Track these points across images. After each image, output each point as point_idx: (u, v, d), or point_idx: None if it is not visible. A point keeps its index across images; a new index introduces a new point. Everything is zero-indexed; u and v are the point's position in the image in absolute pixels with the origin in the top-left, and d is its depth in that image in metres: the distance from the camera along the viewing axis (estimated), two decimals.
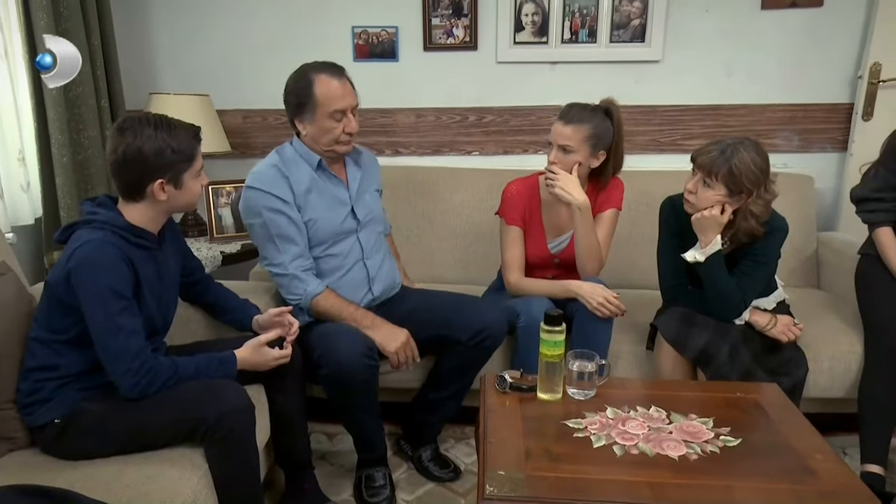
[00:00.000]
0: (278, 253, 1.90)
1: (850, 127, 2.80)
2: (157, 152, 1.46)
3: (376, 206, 2.11)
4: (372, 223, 2.06)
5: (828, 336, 2.17)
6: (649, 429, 1.45)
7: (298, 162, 1.94)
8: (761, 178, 1.82)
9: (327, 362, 1.77)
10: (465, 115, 2.87)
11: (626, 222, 2.59)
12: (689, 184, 1.89)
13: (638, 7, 2.71)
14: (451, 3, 2.72)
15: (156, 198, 1.51)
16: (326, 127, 1.88)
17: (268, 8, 2.77)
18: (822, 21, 2.71)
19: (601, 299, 1.95)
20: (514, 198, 2.14)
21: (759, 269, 1.94)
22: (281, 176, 1.90)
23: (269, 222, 1.88)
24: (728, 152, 1.80)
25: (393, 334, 1.90)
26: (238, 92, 2.84)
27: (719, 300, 1.92)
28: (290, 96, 1.90)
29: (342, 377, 1.78)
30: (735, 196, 1.84)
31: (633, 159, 2.81)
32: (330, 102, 1.85)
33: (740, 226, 1.88)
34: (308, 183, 1.93)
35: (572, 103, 2.00)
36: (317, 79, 1.85)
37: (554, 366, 1.54)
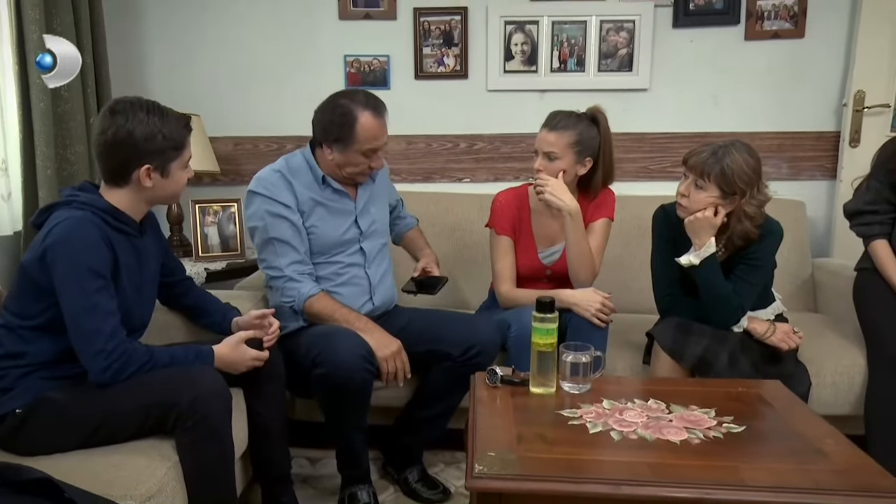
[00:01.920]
0: (276, 256, 1.88)
1: (839, 154, 2.82)
2: (148, 137, 1.43)
3: (382, 217, 2.09)
4: (376, 234, 2.05)
5: (829, 352, 2.11)
6: (648, 417, 1.37)
7: (305, 172, 1.94)
8: (754, 179, 1.80)
9: (325, 361, 1.71)
10: (455, 142, 2.89)
11: (618, 245, 2.57)
12: (681, 187, 1.87)
13: (624, 37, 2.78)
14: (442, 32, 2.78)
15: (141, 184, 1.47)
16: (355, 161, 1.89)
17: (261, 36, 2.82)
18: (805, 51, 2.77)
19: (598, 305, 1.89)
20: (504, 207, 2.11)
21: (754, 273, 1.90)
22: (285, 181, 1.89)
23: (269, 226, 1.87)
24: (720, 153, 1.79)
25: (385, 340, 1.84)
26: (229, 118, 2.85)
27: (716, 305, 1.87)
28: (328, 125, 1.87)
29: (339, 379, 1.70)
30: (728, 198, 1.82)
31: (624, 186, 2.81)
32: (366, 142, 1.86)
33: (735, 229, 1.85)
34: (312, 192, 1.93)
35: (557, 111, 2.01)
36: (361, 116, 1.84)
37: (546, 356, 1.47)
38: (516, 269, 2.09)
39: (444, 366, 1.92)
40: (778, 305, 2.06)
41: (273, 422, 1.69)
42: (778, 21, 2.76)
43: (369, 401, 1.82)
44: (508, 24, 2.77)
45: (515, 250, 2.10)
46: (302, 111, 2.25)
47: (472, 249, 2.63)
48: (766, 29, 2.77)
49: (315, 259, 1.95)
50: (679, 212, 1.90)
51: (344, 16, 2.79)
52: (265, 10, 2.80)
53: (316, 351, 1.75)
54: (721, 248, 1.91)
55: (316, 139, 1.94)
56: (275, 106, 2.86)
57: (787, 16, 2.75)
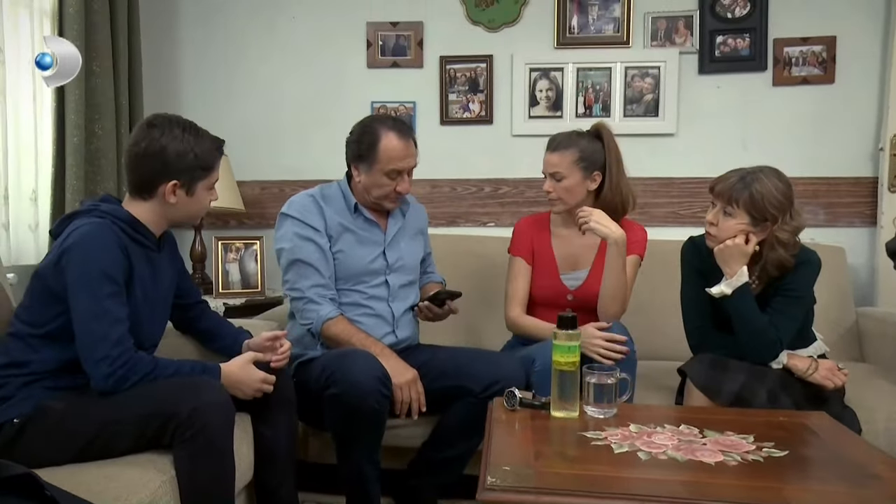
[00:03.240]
0: (299, 278, 1.87)
1: (878, 200, 2.72)
2: (180, 154, 1.46)
3: (412, 254, 2.05)
4: (404, 269, 2.01)
5: (881, 396, 1.97)
6: (679, 441, 1.26)
7: (338, 199, 1.96)
8: (785, 204, 1.72)
9: (339, 380, 1.65)
10: (480, 186, 2.88)
11: (646, 289, 2.46)
12: (708, 215, 1.80)
13: (650, 83, 2.78)
14: (468, 79, 2.82)
15: (165, 199, 1.48)
16: (380, 182, 1.89)
17: (292, 82, 2.89)
18: (836, 96, 2.73)
19: (600, 349, 1.80)
20: (523, 230, 2.12)
21: (792, 305, 1.79)
22: (316, 206, 1.92)
23: (296, 248, 1.88)
24: (748, 178, 1.73)
25: (401, 368, 1.79)
26: (257, 162, 2.89)
27: (752, 338, 1.76)
28: (353, 145, 1.92)
29: (353, 399, 1.64)
30: (759, 224, 1.73)
31: (653, 231, 2.68)
32: (389, 161, 1.86)
33: (768, 257, 1.75)
34: (342, 218, 1.93)
35: (559, 132, 2.04)
36: (383, 135, 1.86)
37: (568, 377, 1.38)
38: (536, 292, 2.04)
39: (464, 403, 1.82)
40: (820, 346, 1.93)
41: (280, 447, 1.59)
42: (807, 67, 2.74)
43: (383, 428, 1.73)
44: (533, 71, 2.80)
45: (535, 273, 2.06)
46: (329, 156, 2.29)
47: (495, 293, 2.55)
48: (795, 75, 2.74)
49: (339, 285, 1.93)
50: (708, 241, 1.82)
51: (372, 64, 2.86)
52: (297, 58, 2.89)
53: (330, 370, 1.69)
54: (755, 280, 1.81)
55: (347, 162, 1.96)
56: (302, 150, 2.90)
57: (816, 62, 2.73)
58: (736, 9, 2.73)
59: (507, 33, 2.81)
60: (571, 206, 2.01)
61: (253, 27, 2.88)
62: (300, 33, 2.87)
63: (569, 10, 2.77)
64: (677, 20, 2.76)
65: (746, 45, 2.74)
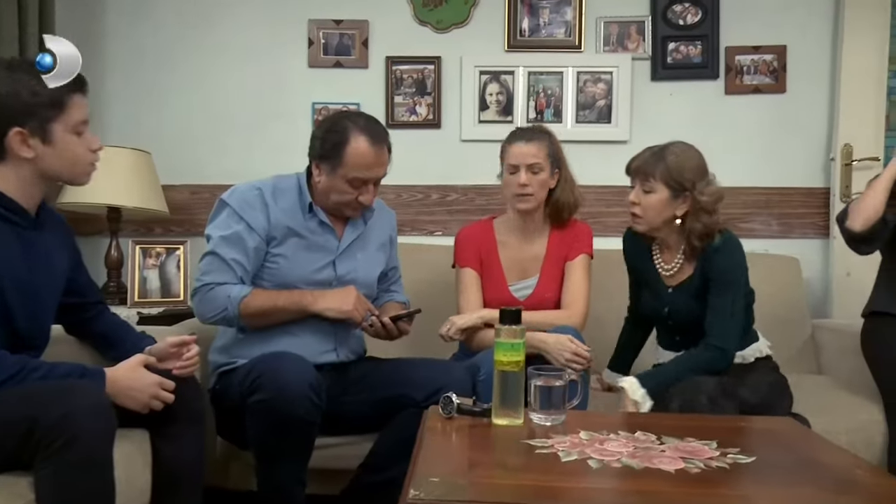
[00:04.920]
0: (213, 270, 1.68)
1: (830, 210, 2.68)
2: (11, 93, 1.24)
3: (369, 268, 1.85)
4: (355, 285, 1.78)
5: (842, 408, 1.91)
6: (635, 448, 1.11)
7: (291, 195, 1.76)
8: (700, 170, 1.73)
9: (265, 385, 1.47)
10: (427, 193, 2.74)
11: (601, 302, 2.35)
12: (630, 196, 1.78)
13: (602, 89, 2.70)
14: (415, 81, 2.70)
15: (18, 154, 1.26)
16: (341, 188, 1.70)
17: (227, 81, 2.71)
18: (788, 105, 2.69)
19: (569, 354, 1.67)
20: (467, 239, 1.98)
21: (723, 294, 1.71)
22: (261, 201, 1.72)
23: (221, 242, 1.69)
24: (659, 151, 1.74)
25: (342, 295, 1.69)
26: (187, 165, 2.69)
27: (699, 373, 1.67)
28: (318, 141, 1.72)
29: (280, 406, 1.45)
30: (679, 195, 1.71)
31: (606, 241, 2.63)
32: (354, 168, 1.67)
33: (692, 227, 1.72)
34: (290, 219, 1.74)
35: (518, 127, 2.00)
36: (353, 137, 1.67)
37: (512, 378, 1.22)
38: (486, 304, 1.90)
39: (407, 414, 1.64)
40: (761, 347, 1.85)
41: (184, 468, 1.38)
42: (758, 76, 2.70)
43: (313, 443, 1.56)
44: (483, 73, 2.70)
45: (484, 285, 1.93)
46: (267, 159, 2.14)
47: (443, 307, 2.39)
48: (747, 83, 2.70)
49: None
50: (635, 224, 1.80)
51: (314, 63, 2.71)
52: (233, 55, 2.72)
53: (256, 374, 1.51)
54: (681, 257, 1.78)
55: (309, 157, 1.77)
56: (238, 153, 2.71)
57: (768, 71, 2.69)
58: (688, 16, 2.69)
59: (456, 35, 2.71)
60: (539, 203, 1.92)
61: (186, 20, 2.71)
62: (238, 29, 2.70)
63: (519, 12, 2.69)
64: (629, 25, 2.70)
65: (698, 52, 2.69)
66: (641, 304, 1.93)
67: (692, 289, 1.76)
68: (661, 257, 1.85)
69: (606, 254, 2.47)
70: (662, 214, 1.73)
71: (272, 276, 1.73)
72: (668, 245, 1.82)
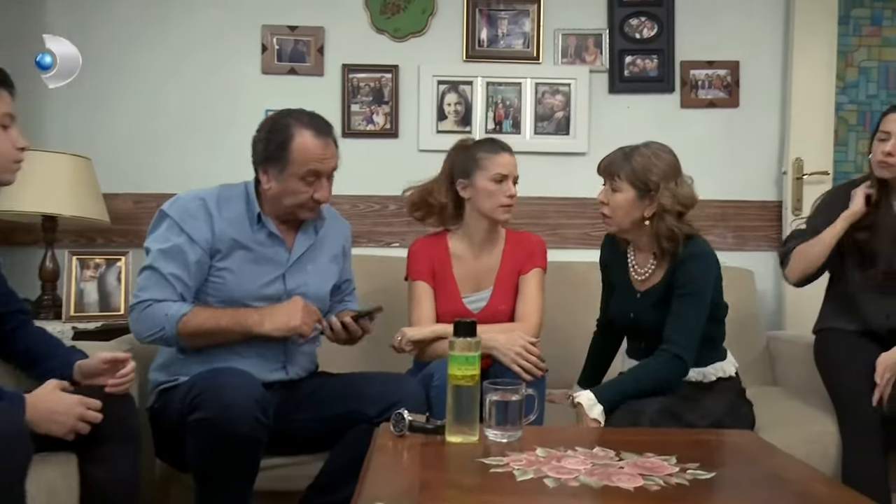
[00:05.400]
0: (151, 285, 1.58)
1: (782, 223, 2.72)
2: None
3: (320, 281, 1.77)
4: (306, 299, 1.69)
5: (797, 421, 1.91)
6: (593, 465, 1.07)
7: (238, 205, 1.68)
8: (668, 171, 1.70)
9: (207, 402, 1.39)
10: (384, 203, 2.68)
11: (562, 314, 2.33)
12: (599, 195, 1.77)
13: (560, 101, 2.70)
14: (372, 90, 2.65)
15: None
16: (294, 189, 1.63)
17: (177, 86, 2.62)
18: (741, 120, 2.73)
19: (518, 349, 1.64)
20: (420, 252, 1.94)
21: (686, 303, 1.68)
22: (205, 212, 1.63)
23: (160, 256, 1.59)
24: (629, 152, 1.73)
25: (288, 310, 1.60)
26: (132, 173, 2.58)
27: (661, 385, 1.66)
28: (261, 144, 1.66)
29: (223, 424, 1.36)
30: (645, 196, 1.70)
31: (566, 254, 2.64)
32: (305, 163, 1.61)
33: (658, 228, 1.70)
34: (236, 231, 1.65)
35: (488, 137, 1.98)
36: (297, 134, 1.61)
37: (467, 393, 1.17)
38: (438, 319, 1.86)
39: (359, 431, 1.57)
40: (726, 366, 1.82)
41: (117, 490, 1.29)
42: (713, 90, 2.73)
43: (258, 464, 1.48)
44: (441, 83, 2.67)
45: (437, 298, 1.90)
46: (217, 168, 2.06)
47: (399, 319, 2.34)
48: (702, 97, 2.73)
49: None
50: (605, 224, 1.79)
51: (268, 70, 2.64)
52: (184, 59, 2.62)
53: (197, 391, 1.42)
54: (654, 262, 1.77)
55: (254, 165, 1.69)
56: (187, 162, 2.62)
57: (721, 85, 2.73)
58: (644, 30, 2.71)
59: (413, 44, 2.67)
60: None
61: (133, 21, 2.61)
62: (188, 33, 2.62)
63: (478, 22, 2.67)
64: (587, 38, 2.70)
65: (654, 66, 2.71)
66: (611, 308, 1.90)
67: (658, 293, 1.74)
68: (636, 260, 1.83)
69: (567, 266, 2.47)
70: (630, 215, 1.71)
71: (217, 292, 1.64)
72: (641, 248, 1.81)
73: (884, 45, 2.74)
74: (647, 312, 1.75)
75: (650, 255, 1.77)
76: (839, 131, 2.73)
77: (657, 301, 1.73)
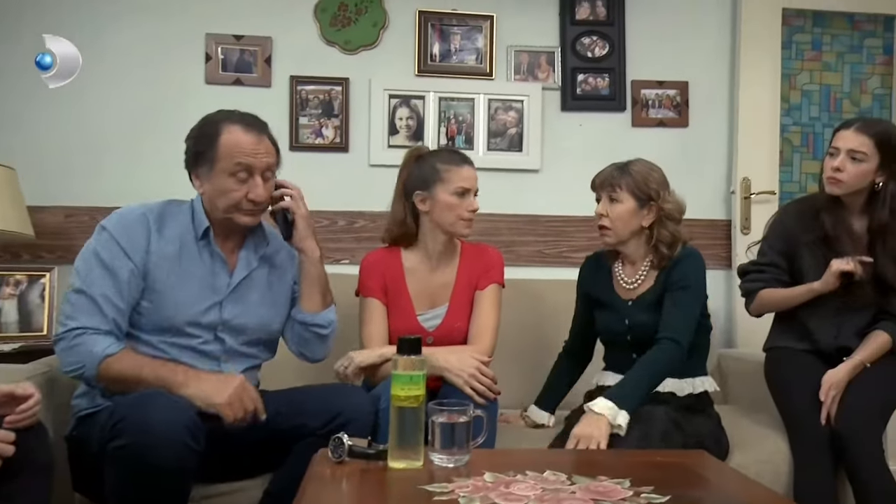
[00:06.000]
0: (78, 312, 1.45)
1: (732, 242, 2.74)
2: None
3: (263, 315, 1.64)
4: (245, 332, 1.60)
5: (749, 441, 1.88)
6: (543, 490, 1.01)
7: (184, 220, 1.57)
8: (662, 181, 1.78)
9: (129, 428, 1.27)
10: (333, 219, 2.60)
11: (514, 332, 2.27)
12: (598, 208, 1.79)
13: (514, 117, 2.68)
14: (321, 102, 2.58)
15: None
16: (224, 187, 1.51)
17: (114, 95, 2.49)
18: (691, 139, 2.76)
19: (472, 370, 1.58)
20: (372, 266, 1.87)
21: (684, 295, 1.72)
22: (145, 226, 1.52)
23: (91, 275, 1.47)
24: (623, 166, 1.78)
25: (219, 384, 1.44)
26: (62, 185, 2.44)
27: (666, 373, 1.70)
28: (190, 142, 1.57)
29: (148, 453, 1.25)
30: (645, 205, 1.75)
31: (519, 271, 2.60)
32: (232, 156, 1.50)
33: (660, 234, 1.75)
34: (178, 250, 1.54)
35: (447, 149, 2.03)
36: (225, 129, 1.52)
37: (411, 415, 1.10)
38: (391, 337, 1.79)
39: (304, 445, 1.46)
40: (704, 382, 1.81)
41: None
42: (663, 110, 2.75)
43: (186, 496, 1.37)
44: (393, 97, 2.62)
45: (390, 315, 1.82)
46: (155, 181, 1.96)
47: (349, 339, 2.25)
48: (652, 117, 2.75)
49: (150, 335, 1.52)
50: (606, 237, 1.79)
51: (212, 80, 2.54)
52: (120, 68, 2.51)
53: (119, 416, 1.30)
54: (645, 269, 1.79)
55: (186, 168, 1.58)
56: (124, 173, 2.49)
57: (671, 105, 2.75)
58: (595, 48, 2.72)
59: (365, 56, 2.62)
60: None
61: (67, 27, 2.47)
62: (126, 39, 2.50)
63: (430, 36, 2.64)
64: (539, 55, 2.70)
65: (606, 84, 2.72)
66: (600, 324, 1.88)
67: (651, 298, 1.75)
68: (623, 272, 1.83)
69: (520, 283, 2.42)
70: (630, 225, 1.74)
71: (150, 315, 1.51)
72: (633, 260, 1.82)
73: (824, 70, 2.81)
74: (640, 317, 1.76)
75: (641, 263, 1.80)
76: (784, 152, 2.79)
77: (651, 304, 1.75)
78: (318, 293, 1.65)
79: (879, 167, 1.82)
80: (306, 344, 1.69)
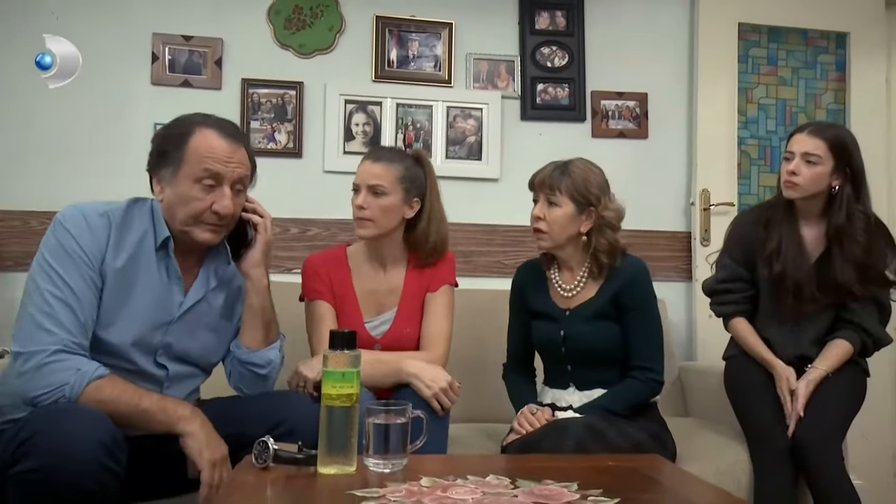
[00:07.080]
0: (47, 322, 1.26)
1: (692, 254, 2.72)
2: None
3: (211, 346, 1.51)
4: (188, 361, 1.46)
5: (709, 451, 1.85)
6: (483, 494, 0.92)
7: (143, 227, 1.39)
8: (604, 186, 1.72)
9: (37, 449, 1.10)
10: (285, 227, 2.51)
11: (470, 343, 2.22)
12: (535, 210, 1.71)
13: (473, 125, 2.63)
14: (274, 106, 2.51)
15: None
16: (187, 194, 1.34)
17: (52, 96, 2.34)
18: (650, 151, 2.75)
19: (444, 385, 1.52)
20: (316, 268, 1.77)
21: (646, 324, 1.70)
22: (105, 231, 1.34)
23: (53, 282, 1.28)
24: (563, 166, 1.71)
25: (216, 439, 1.30)
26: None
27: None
28: (156, 141, 1.41)
29: (58, 475, 1.08)
30: (584, 210, 1.68)
31: (477, 282, 2.54)
32: (201, 160, 1.34)
33: (598, 242, 1.68)
34: (133, 260, 1.37)
35: (379, 145, 1.87)
36: (198, 131, 1.36)
37: (343, 414, 1.01)
38: None
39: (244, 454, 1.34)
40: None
41: None
42: (623, 121, 2.74)
43: None
44: (349, 103, 2.55)
45: (338, 321, 1.71)
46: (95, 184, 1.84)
47: (300, 350, 2.15)
48: (612, 128, 2.74)
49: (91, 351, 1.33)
50: (541, 241, 1.71)
51: (158, 81, 2.45)
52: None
53: (26, 434, 1.13)
54: (583, 277, 1.72)
55: (147, 170, 1.42)
56: (63, 176, 2.37)
57: (631, 116, 2.74)
58: (555, 58, 2.70)
59: (320, 61, 2.56)
60: (382, 231, 1.72)
61: (4, 25, 2.37)
62: (67, 37, 2.38)
63: (388, 42, 2.59)
64: (499, 64, 2.67)
65: (566, 94, 2.70)
66: (535, 333, 1.78)
67: (592, 309, 1.67)
68: (561, 278, 1.75)
69: (475, 295, 2.36)
70: (567, 230, 1.67)
71: (94, 332, 1.33)
72: (570, 266, 1.74)
73: (780, 84, 2.84)
74: (578, 327, 1.68)
75: (579, 270, 1.72)
76: (742, 164, 2.79)
77: (591, 316, 1.68)
78: (260, 327, 1.49)
79: (834, 170, 1.81)
80: (243, 380, 1.52)
